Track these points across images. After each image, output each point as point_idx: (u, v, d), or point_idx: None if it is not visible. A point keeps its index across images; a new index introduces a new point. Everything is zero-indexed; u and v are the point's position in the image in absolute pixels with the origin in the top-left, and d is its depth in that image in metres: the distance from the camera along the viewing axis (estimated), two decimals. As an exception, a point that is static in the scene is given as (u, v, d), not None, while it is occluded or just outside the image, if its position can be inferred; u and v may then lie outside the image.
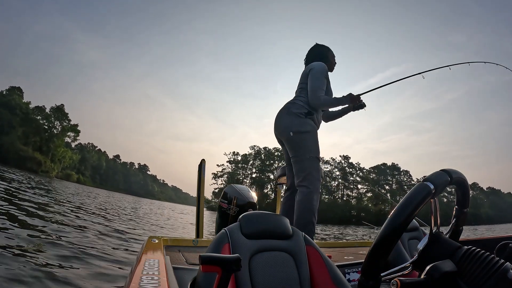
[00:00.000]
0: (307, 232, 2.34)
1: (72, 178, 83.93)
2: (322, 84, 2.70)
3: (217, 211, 2.90)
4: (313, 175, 2.60)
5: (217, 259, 0.83)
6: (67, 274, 3.60)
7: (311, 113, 2.69)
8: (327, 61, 2.90)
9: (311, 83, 2.71)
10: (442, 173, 0.77)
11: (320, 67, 2.77)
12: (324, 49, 2.98)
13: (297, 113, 2.68)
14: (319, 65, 2.78)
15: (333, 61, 3.00)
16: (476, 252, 0.71)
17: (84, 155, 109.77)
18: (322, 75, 2.74)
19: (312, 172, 2.60)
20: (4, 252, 3.75)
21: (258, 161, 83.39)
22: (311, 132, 2.66)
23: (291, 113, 2.71)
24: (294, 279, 1.25)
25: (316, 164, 2.64)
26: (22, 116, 65.87)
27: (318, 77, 2.72)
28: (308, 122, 2.67)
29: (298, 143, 2.66)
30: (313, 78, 2.72)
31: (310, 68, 2.79)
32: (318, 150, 2.67)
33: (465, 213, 0.86)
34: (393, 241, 0.72)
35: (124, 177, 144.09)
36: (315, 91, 2.67)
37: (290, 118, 2.69)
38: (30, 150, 63.16)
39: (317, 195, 2.59)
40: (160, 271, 0.99)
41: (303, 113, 2.67)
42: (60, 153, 73.67)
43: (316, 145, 2.67)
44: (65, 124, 74.85)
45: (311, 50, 3.01)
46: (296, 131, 2.64)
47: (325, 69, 2.78)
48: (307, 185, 2.58)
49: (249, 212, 1.43)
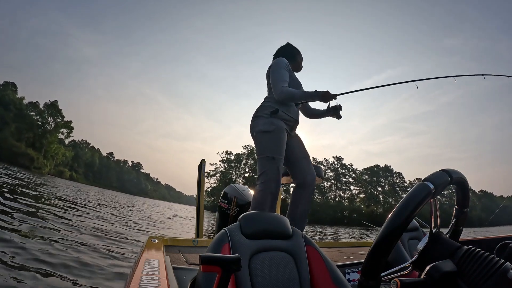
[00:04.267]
0: None
1: (65, 175, 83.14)
2: (282, 76, 2.64)
3: (217, 211, 2.89)
4: (267, 175, 2.53)
5: (217, 259, 0.83)
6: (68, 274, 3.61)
7: (276, 111, 2.61)
8: (292, 60, 2.87)
9: (271, 78, 2.67)
10: (442, 173, 0.78)
11: (278, 61, 2.72)
12: (293, 49, 2.95)
13: (261, 115, 2.65)
14: (277, 60, 2.74)
15: (300, 63, 2.96)
16: (476, 252, 0.72)
17: (77, 152, 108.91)
18: (280, 67, 2.68)
19: (267, 171, 2.54)
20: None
21: (251, 160, 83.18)
22: (273, 132, 2.57)
23: (256, 115, 2.69)
24: (294, 279, 1.25)
25: (273, 164, 2.54)
26: (15, 112, 65.21)
27: (277, 69, 2.67)
28: (271, 121, 2.59)
29: (257, 143, 2.64)
30: (272, 73, 2.68)
31: (270, 65, 2.77)
32: (278, 149, 2.56)
33: (465, 213, 0.87)
34: (393, 241, 0.72)
35: (117, 175, 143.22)
36: (276, 84, 2.61)
37: (255, 120, 2.68)
38: (23, 146, 62.46)
39: (271, 196, 2.52)
40: (160, 271, 0.99)
41: (268, 113, 2.62)
42: (53, 149, 72.97)
43: (276, 144, 2.57)
44: (59, 121, 74.07)
45: (279, 49, 2.96)
46: (258, 130, 2.62)
47: (284, 62, 2.72)
48: (260, 185, 2.54)
49: (249, 212, 1.44)
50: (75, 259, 4.19)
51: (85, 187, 47.78)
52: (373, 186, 76.70)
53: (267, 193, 2.50)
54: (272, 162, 2.53)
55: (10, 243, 4.22)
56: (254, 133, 2.64)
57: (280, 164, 2.55)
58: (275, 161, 2.53)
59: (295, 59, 2.89)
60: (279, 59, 2.74)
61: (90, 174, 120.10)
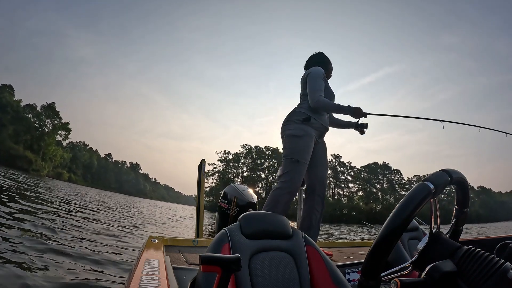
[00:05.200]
0: None
1: (63, 177, 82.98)
2: (319, 86, 2.76)
3: (217, 211, 2.90)
4: (290, 175, 2.63)
5: (217, 259, 0.83)
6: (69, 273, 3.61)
7: (308, 119, 2.73)
8: (326, 68, 2.97)
9: (309, 86, 2.78)
10: (442, 173, 0.78)
11: (317, 70, 2.83)
12: (326, 58, 3.06)
13: (294, 120, 2.76)
14: (315, 69, 2.85)
15: (330, 72, 3.07)
16: (476, 252, 0.71)
17: (75, 154, 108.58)
18: (318, 77, 2.79)
19: (290, 172, 2.64)
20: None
21: (249, 159, 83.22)
22: (302, 137, 2.69)
23: (288, 120, 2.79)
24: (294, 279, 1.25)
25: (297, 166, 2.64)
26: (13, 114, 64.95)
27: (316, 78, 2.78)
28: (302, 127, 2.71)
29: (285, 145, 2.74)
30: (311, 81, 2.79)
31: (307, 73, 2.86)
32: (304, 154, 2.66)
33: (465, 213, 0.87)
34: (393, 241, 0.72)
35: (116, 176, 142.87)
36: (313, 93, 2.73)
37: (287, 124, 2.79)
38: (21, 148, 62.31)
39: (289, 195, 2.62)
40: (160, 271, 0.99)
41: (300, 119, 2.74)
42: (51, 151, 72.79)
43: (303, 149, 2.67)
44: (56, 122, 74.01)
45: (312, 56, 3.08)
46: (288, 134, 2.74)
47: (321, 71, 2.84)
48: (280, 183, 2.64)
49: (249, 212, 1.44)
50: (75, 260, 4.19)
51: (84, 189, 47.68)
52: (372, 183, 76.78)
53: (285, 192, 2.61)
54: (297, 165, 2.64)
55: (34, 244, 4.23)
56: (284, 136, 2.78)
57: (304, 168, 2.68)
58: (299, 164, 2.64)
59: (327, 68, 3.02)
60: (317, 68, 2.87)
61: (88, 176, 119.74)
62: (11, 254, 3.89)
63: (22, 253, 4.00)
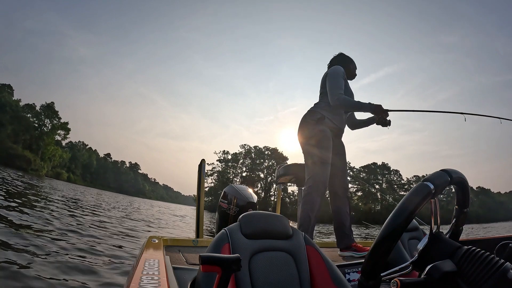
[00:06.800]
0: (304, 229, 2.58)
1: (62, 177, 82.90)
2: (339, 84, 2.78)
3: (217, 211, 2.90)
4: (315, 178, 2.72)
5: (217, 259, 0.83)
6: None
7: (322, 118, 2.78)
8: (346, 67, 3.00)
9: (329, 84, 2.81)
10: (442, 173, 0.78)
11: (336, 69, 2.87)
12: (347, 58, 3.09)
13: (308, 121, 2.82)
14: (335, 67, 2.89)
15: (353, 72, 3.10)
16: (476, 252, 0.71)
17: (74, 154, 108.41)
18: (338, 75, 2.82)
19: (314, 175, 2.73)
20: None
21: (248, 159, 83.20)
22: (319, 137, 2.75)
23: (304, 121, 2.87)
24: (294, 279, 1.25)
25: (319, 167, 2.73)
26: (12, 114, 64.81)
27: (335, 77, 2.81)
28: (317, 127, 2.77)
29: (304, 148, 2.84)
30: (330, 80, 2.82)
31: (327, 72, 2.90)
32: (323, 154, 2.73)
33: (465, 213, 0.87)
34: (393, 241, 0.72)
35: (115, 176, 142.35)
36: (333, 90, 2.75)
37: (302, 125, 2.88)
38: (20, 148, 62.22)
39: (318, 197, 2.71)
40: (160, 271, 0.99)
41: (315, 119, 2.79)
42: (50, 151, 72.69)
43: (322, 149, 2.74)
44: (55, 122, 73.91)
45: (334, 57, 3.12)
46: (306, 135, 2.83)
47: (341, 70, 2.87)
48: (308, 188, 2.75)
49: (249, 212, 1.43)
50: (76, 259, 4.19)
51: (83, 189, 47.63)
52: (371, 184, 76.74)
53: (314, 196, 2.71)
54: (319, 165, 2.74)
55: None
56: (302, 137, 2.85)
57: (327, 168, 2.75)
58: (322, 165, 2.74)
59: (348, 68, 3.05)
60: (336, 67, 2.90)
61: (87, 176, 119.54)
62: (14, 254, 3.89)
63: (23, 253, 4.00)
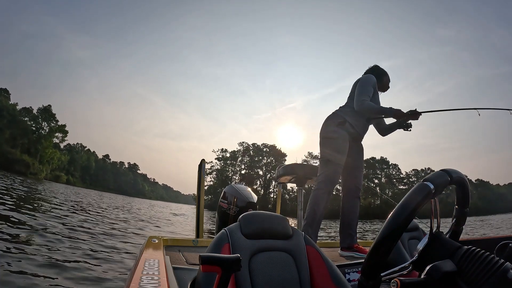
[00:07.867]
0: (308, 222, 2.71)
1: (61, 180, 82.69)
2: (367, 91, 2.88)
3: (217, 211, 2.90)
4: (324, 176, 2.84)
5: (217, 259, 0.82)
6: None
7: (343, 123, 2.88)
8: (379, 79, 3.08)
9: (357, 90, 2.91)
10: (442, 173, 0.78)
11: (369, 77, 2.98)
12: (381, 70, 3.16)
13: (330, 123, 2.93)
14: (367, 76, 3.01)
15: (386, 84, 3.17)
16: (476, 252, 0.71)
17: (73, 156, 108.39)
18: (368, 83, 2.92)
19: (324, 173, 2.85)
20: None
21: (247, 157, 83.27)
22: (336, 139, 2.86)
23: (327, 122, 2.99)
24: (294, 279, 1.25)
25: (330, 166, 2.83)
26: (9, 118, 64.77)
27: (364, 85, 2.92)
28: (337, 130, 2.88)
29: (321, 146, 2.96)
30: (360, 86, 2.92)
31: (359, 78, 3.01)
32: (337, 155, 2.82)
33: (465, 213, 0.87)
34: (393, 241, 0.72)
35: (114, 177, 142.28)
36: (359, 96, 2.86)
37: (324, 126, 2.99)
38: (18, 152, 62.20)
39: (325, 193, 2.81)
40: (160, 271, 0.99)
41: (337, 122, 2.90)
42: (49, 154, 72.72)
43: (337, 150, 2.83)
44: (53, 125, 73.91)
45: (369, 69, 3.20)
46: (324, 136, 2.96)
47: (372, 79, 2.95)
48: (318, 184, 2.86)
49: (249, 212, 1.43)
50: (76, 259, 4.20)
51: (83, 191, 47.61)
52: (370, 178, 76.81)
53: (323, 192, 2.82)
54: (330, 164, 2.84)
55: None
56: (321, 137, 3.00)
57: (337, 168, 2.85)
58: (332, 164, 2.84)
59: (381, 80, 3.13)
60: (369, 75, 3.01)
61: (86, 178, 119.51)
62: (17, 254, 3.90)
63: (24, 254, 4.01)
